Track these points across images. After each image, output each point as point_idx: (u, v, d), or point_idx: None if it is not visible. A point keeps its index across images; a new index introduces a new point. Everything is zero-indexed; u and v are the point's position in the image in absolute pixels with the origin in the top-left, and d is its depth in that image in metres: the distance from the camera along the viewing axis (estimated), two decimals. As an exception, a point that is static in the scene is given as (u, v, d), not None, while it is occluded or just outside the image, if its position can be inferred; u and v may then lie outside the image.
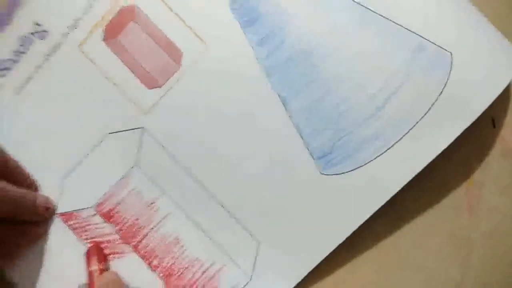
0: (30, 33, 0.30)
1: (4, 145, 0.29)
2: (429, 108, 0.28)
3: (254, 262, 0.29)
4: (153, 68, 0.29)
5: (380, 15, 0.28)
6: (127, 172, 0.29)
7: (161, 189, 0.29)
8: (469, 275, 0.29)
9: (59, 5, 0.29)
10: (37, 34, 0.30)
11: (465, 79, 0.28)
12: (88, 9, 0.29)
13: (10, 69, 0.30)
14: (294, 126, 0.28)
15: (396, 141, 0.28)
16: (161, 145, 0.29)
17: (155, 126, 0.29)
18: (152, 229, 0.29)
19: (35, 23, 0.30)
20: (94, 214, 0.29)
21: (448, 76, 0.27)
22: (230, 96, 0.29)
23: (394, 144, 0.28)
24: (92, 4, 0.29)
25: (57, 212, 0.29)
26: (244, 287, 0.29)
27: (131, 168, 0.29)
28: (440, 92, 0.28)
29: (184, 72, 0.29)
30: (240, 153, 0.29)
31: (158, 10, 0.29)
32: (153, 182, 0.29)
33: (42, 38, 0.30)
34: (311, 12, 0.28)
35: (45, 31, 0.29)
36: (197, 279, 0.29)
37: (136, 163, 0.29)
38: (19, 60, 0.30)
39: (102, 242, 0.29)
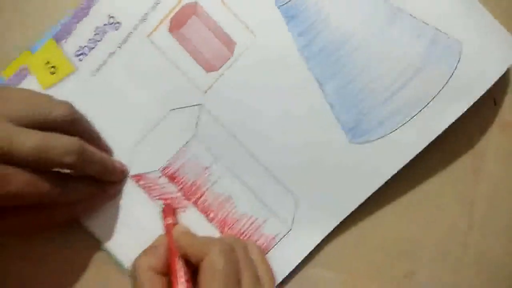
0: (105, 24, 0.34)
1: (83, 118, 0.34)
2: (440, 90, 0.32)
3: (293, 215, 0.34)
4: (210, 55, 0.33)
5: (402, 10, 0.33)
6: (187, 142, 0.34)
7: (215, 155, 0.34)
8: (474, 227, 0.34)
9: (131, 1, 0.34)
10: (111, 25, 0.34)
11: (471, 65, 0.32)
12: (156, 4, 0.33)
13: (86, 54, 0.34)
14: (328, 104, 0.33)
15: (412, 116, 0.33)
16: (216, 119, 0.34)
17: (211, 103, 0.34)
18: (208, 189, 0.34)
19: (109, 16, 0.34)
20: (160, 176, 0.34)
21: (458, 62, 0.32)
22: (274, 79, 0.33)
23: (410, 119, 0.33)
24: (160, 0, 0.33)
25: (129, 174, 0.34)
26: (285, 236, 0.34)
27: (190, 139, 0.34)
28: (450, 76, 0.32)
29: (236, 59, 0.33)
30: (282, 125, 0.33)
31: (215, 6, 0.33)
32: (208, 150, 0.34)
33: (115, 29, 0.34)
34: (344, 9, 0.33)
35: (118, 22, 0.34)
36: (246, 229, 0.34)
37: (194, 134, 0.34)
38: (94, 47, 0.34)
39: (167, 199, 0.34)
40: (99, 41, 0.34)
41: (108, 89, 0.34)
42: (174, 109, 0.34)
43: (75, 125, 0.30)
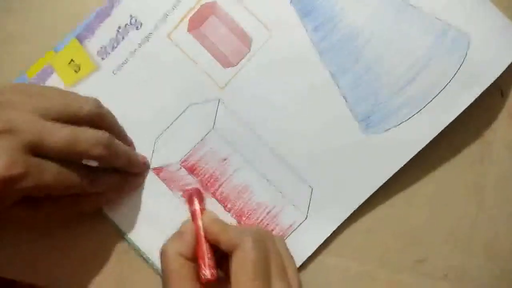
0: (126, 24, 0.36)
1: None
2: (449, 81, 0.34)
3: (309, 204, 0.35)
4: (228, 51, 0.35)
5: (411, 4, 0.34)
6: (205, 135, 0.35)
7: (232, 148, 0.35)
8: (483, 212, 0.35)
9: (152, 2, 0.35)
10: (132, 25, 0.36)
11: (478, 56, 0.33)
12: (176, 4, 0.35)
13: (109, 53, 0.36)
14: (341, 96, 0.35)
15: (423, 107, 0.34)
16: (233, 113, 0.35)
17: (229, 97, 0.35)
18: (226, 180, 0.35)
19: (131, 16, 0.36)
20: (180, 168, 0.36)
21: (466, 54, 0.34)
22: (289, 73, 0.35)
23: (420, 110, 0.34)
24: (180, 1, 0.35)
25: (150, 167, 0.36)
26: (300, 224, 0.35)
27: (208, 132, 0.35)
28: (459, 67, 0.34)
29: (253, 54, 0.35)
30: (297, 117, 0.35)
31: (232, 5, 0.35)
32: (226, 143, 0.35)
33: (136, 29, 0.36)
34: (357, 3, 0.34)
35: (140, 23, 0.35)
36: (262, 218, 0.35)
37: (213, 128, 0.35)
38: (116, 46, 0.36)
39: (187, 190, 0.36)
40: (121, 41, 0.36)
41: (129, 87, 0.36)
42: (193, 104, 0.36)
43: (102, 119, 0.32)
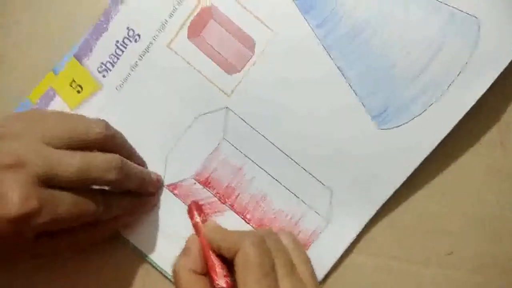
0: (124, 37, 0.34)
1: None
2: (463, 67, 0.33)
3: (330, 208, 0.34)
4: (232, 57, 0.34)
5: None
6: (217, 146, 0.34)
7: (246, 156, 0.34)
8: (502, 199, 0.35)
9: (148, 12, 0.34)
10: (130, 38, 0.34)
11: (490, 40, 0.32)
12: (173, 12, 0.34)
13: (110, 70, 0.35)
14: (353, 92, 0.33)
15: (438, 97, 0.33)
16: (243, 120, 0.34)
17: (237, 104, 0.34)
18: (242, 189, 0.34)
19: (128, 29, 0.34)
20: (194, 183, 0.35)
21: (478, 38, 0.32)
22: (296, 73, 0.33)
23: (436, 99, 0.33)
24: (176, 8, 0.34)
25: (164, 184, 0.35)
26: (324, 229, 0.34)
27: (220, 142, 0.34)
28: (472, 52, 0.32)
29: (258, 57, 0.34)
30: (309, 118, 0.34)
31: (231, 6, 0.33)
32: (239, 151, 0.34)
33: (135, 41, 0.34)
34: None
35: (138, 34, 0.34)
36: (283, 227, 0.34)
37: (223, 137, 0.34)
38: (116, 62, 0.35)
39: (204, 204, 0.35)
40: (121, 55, 0.35)
41: (135, 102, 0.35)
42: (201, 114, 0.35)
43: (111, 142, 0.31)
